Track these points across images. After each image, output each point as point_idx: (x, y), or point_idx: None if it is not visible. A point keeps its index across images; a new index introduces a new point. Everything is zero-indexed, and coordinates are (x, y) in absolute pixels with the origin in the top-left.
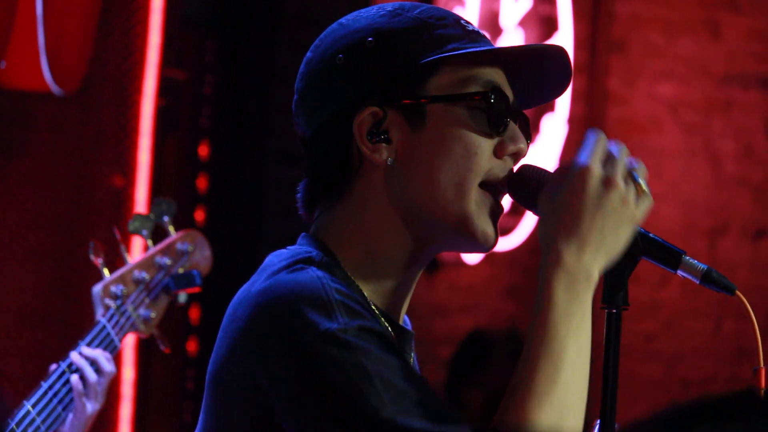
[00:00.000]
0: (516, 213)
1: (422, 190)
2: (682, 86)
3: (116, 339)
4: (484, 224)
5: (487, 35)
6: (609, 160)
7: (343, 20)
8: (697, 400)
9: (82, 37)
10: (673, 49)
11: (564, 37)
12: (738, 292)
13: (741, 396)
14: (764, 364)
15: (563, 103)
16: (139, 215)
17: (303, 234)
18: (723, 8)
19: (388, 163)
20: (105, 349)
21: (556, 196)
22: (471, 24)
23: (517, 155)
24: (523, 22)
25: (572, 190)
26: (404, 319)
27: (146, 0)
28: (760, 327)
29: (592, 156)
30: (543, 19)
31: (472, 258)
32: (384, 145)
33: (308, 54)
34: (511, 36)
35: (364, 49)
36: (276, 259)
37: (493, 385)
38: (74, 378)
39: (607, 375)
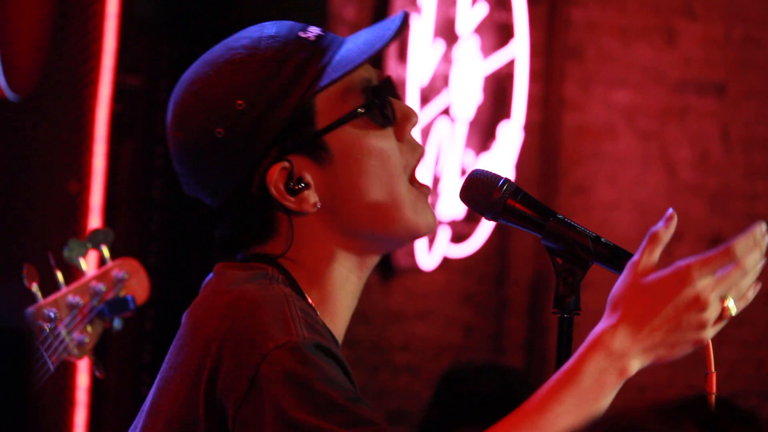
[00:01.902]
0: (472, 220)
1: (359, 214)
2: (638, 93)
3: (49, 362)
4: (426, 218)
5: (443, 42)
6: (717, 274)
7: (190, 89)
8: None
9: (37, 43)
10: (629, 56)
11: (520, 44)
12: None
13: (691, 402)
14: (715, 369)
15: (519, 109)
16: (75, 241)
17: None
18: (678, 15)
19: (318, 207)
20: (37, 371)
21: (650, 280)
22: (308, 30)
23: (414, 125)
24: (479, 29)
25: (662, 287)
26: None
27: (101, 5)
28: (717, 333)
29: (702, 265)
30: (499, 26)
31: (427, 264)
32: (306, 191)
33: (172, 134)
34: (468, 43)
35: (239, 114)
36: (227, 274)
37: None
38: None
39: None
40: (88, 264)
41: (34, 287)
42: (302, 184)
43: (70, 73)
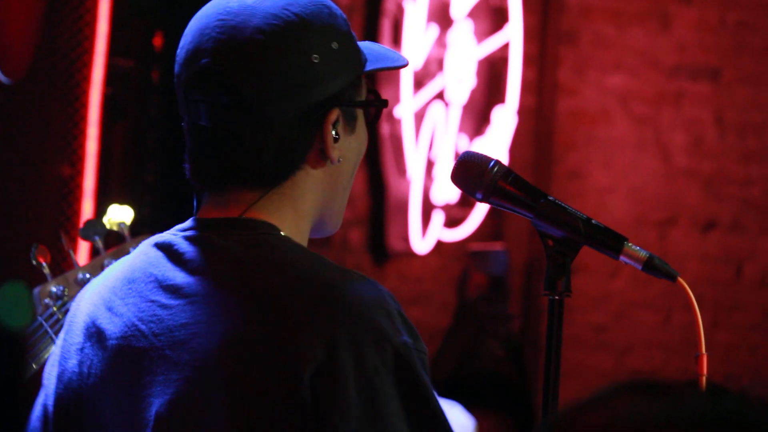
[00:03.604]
0: (466, 204)
1: (341, 186)
2: (633, 77)
3: (55, 337)
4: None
5: (437, 26)
6: None
7: (296, 10)
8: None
9: (30, 26)
10: (624, 41)
11: (514, 28)
12: (680, 279)
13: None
14: (706, 351)
15: (513, 94)
16: (91, 221)
17: (242, 220)
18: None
19: (338, 162)
20: (44, 346)
21: None
22: None
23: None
24: (473, 13)
25: None
26: None
27: None
28: (710, 318)
29: None
30: (493, 10)
31: (421, 248)
32: (337, 144)
33: (260, 37)
34: (462, 27)
35: (334, 54)
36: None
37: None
38: None
39: (549, 362)
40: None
41: (45, 267)
42: (337, 136)
43: (62, 56)
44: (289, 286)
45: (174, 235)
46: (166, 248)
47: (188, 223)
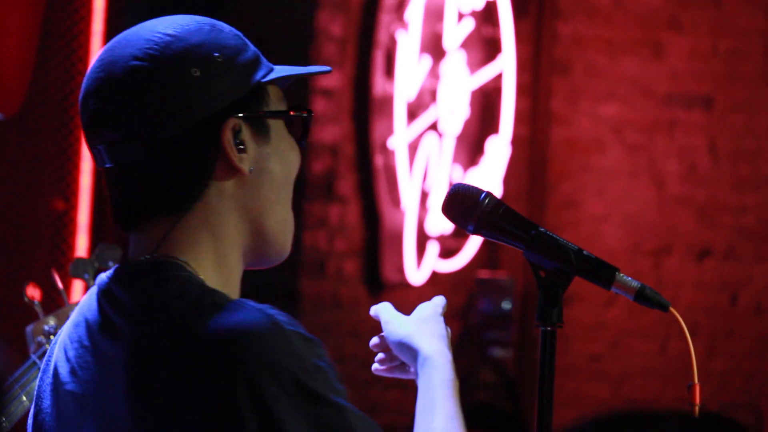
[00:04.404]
0: (460, 235)
1: (267, 198)
2: (625, 106)
3: None
4: (289, 245)
5: (430, 57)
6: None
7: (170, 31)
8: (628, 409)
9: (23, 61)
10: (616, 70)
11: (507, 59)
12: (672, 309)
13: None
14: (704, 382)
15: (507, 124)
16: (81, 259)
17: (148, 261)
18: (665, 28)
19: (249, 173)
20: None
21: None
22: None
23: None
24: (466, 44)
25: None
26: None
27: (87, 23)
28: (706, 346)
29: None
30: (486, 41)
31: (416, 279)
32: (245, 155)
33: (137, 63)
34: (455, 58)
35: (216, 64)
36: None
37: None
38: None
39: (542, 392)
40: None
41: (37, 305)
42: (242, 146)
43: (56, 91)
44: (177, 344)
45: (104, 278)
46: (98, 289)
47: (111, 269)
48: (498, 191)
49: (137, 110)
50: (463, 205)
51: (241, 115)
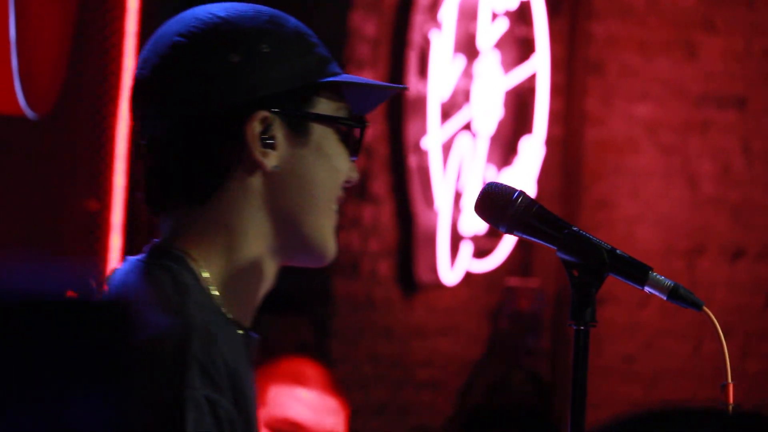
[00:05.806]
0: (494, 235)
1: (300, 201)
2: (659, 107)
3: None
4: (333, 248)
5: (464, 57)
6: None
7: (221, 14)
8: (661, 407)
9: (56, 60)
10: (650, 70)
11: (541, 59)
12: (705, 308)
13: (707, 410)
14: (735, 380)
15: (541, 124)
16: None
17: (157, 246)
18: (699, 28)
19: (274, 170)
20: None
21: None
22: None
23: (354, 180)
24: (500, 44)
25: None
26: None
27: (120, 23)
28: (739, 347)
29: None
30: (520, 40)
31: (450, 279)
32: (271, 151)
33: (178, 39)
34: (488, 58)
35: (260, 54)
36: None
37: None
38: None
39: (576, 392)
40: None
41: None
42: (271, 141)
43: (89, 91)
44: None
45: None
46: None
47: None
48: (532, 192)
49: (166, 86)
50: (496, 203)
51: (276, 110)
